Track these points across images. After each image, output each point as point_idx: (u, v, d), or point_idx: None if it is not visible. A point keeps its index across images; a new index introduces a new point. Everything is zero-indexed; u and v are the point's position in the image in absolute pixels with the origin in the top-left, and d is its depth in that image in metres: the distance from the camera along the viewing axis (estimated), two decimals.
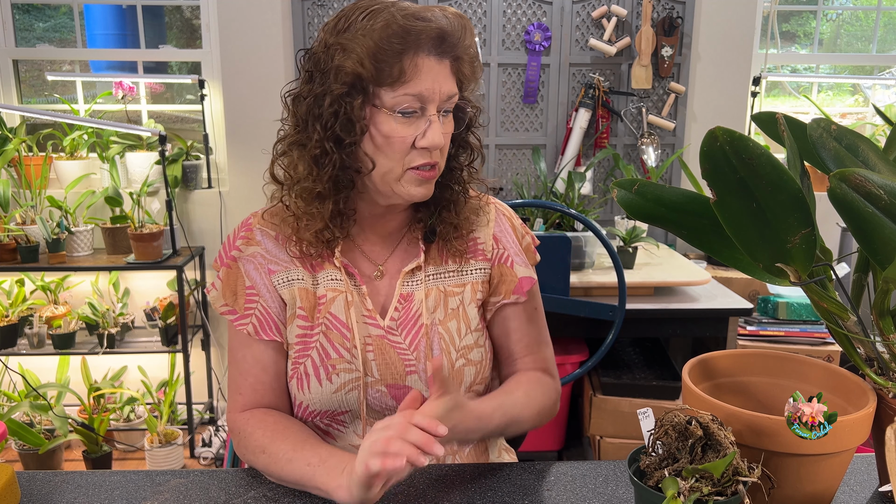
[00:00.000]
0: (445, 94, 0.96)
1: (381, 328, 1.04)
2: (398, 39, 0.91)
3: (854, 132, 0.86)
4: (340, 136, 0.95)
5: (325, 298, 1.04)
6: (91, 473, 0.98)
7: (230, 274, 1.05)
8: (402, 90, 0.92)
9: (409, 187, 0.98)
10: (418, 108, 0.94)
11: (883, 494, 0.92)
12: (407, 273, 1.06)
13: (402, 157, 0.96)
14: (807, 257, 0.78)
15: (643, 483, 0.76)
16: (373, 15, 0.92)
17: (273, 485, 0.95)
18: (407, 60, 0.92)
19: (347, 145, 0.96)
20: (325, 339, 1.03)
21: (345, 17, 0.95)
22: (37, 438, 2.44)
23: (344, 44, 0.92)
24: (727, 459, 0.72)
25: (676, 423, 0.77)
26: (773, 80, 3.03)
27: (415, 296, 1.06)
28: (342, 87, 0.93)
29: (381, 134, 0.95)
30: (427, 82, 0.93)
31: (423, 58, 0.93)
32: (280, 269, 1.04)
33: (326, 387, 1.02)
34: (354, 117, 0.94)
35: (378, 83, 0.93)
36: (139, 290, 2.90)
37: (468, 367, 1.07)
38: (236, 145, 2.80)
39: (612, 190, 0.97)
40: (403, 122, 0.94)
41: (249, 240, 1.06)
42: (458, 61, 0.97)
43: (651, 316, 2.08)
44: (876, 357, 0.87)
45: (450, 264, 1.09)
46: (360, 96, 0.93)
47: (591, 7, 2.79)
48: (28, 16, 2.90)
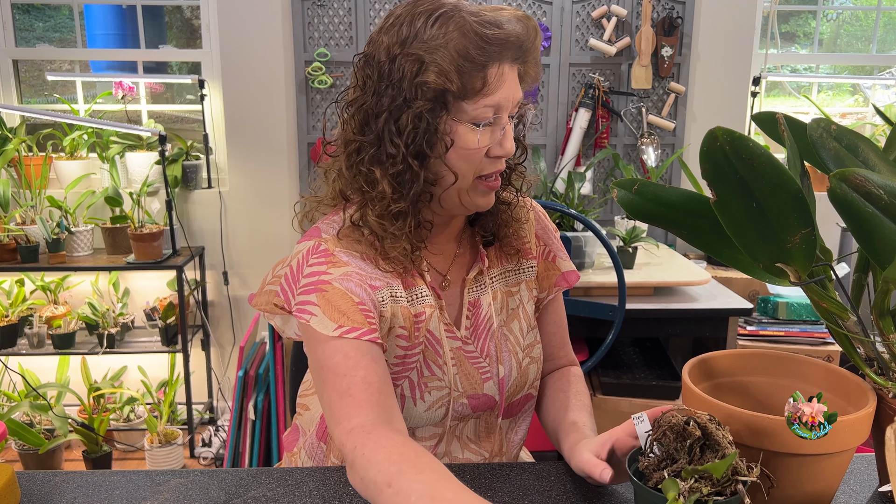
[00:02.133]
0: (517, 100, 0.94)
1: (459, 339, 1.02)
2: (479, 51, 0.87)
3: (854, 132, 0.86)
4: (424, 151, 0.90)
5: (423, 316, 0.98)
6: (91, 473, 0.97)
7: (326, 297, 0.91)
8: (483, 102, 0.90)
9: (476, 198, 0.96)
10: (493, 116, 0.92)
11: (883, 494, 0.92)
12: (471, 280, 1.04)
13: (475, 168, 0.94)
14: (807, 257, 0.78)
15: (643, 484, 0.76)
16: (442, 21, 0.88)
17: (273, 485, 0.95)
18: (491, 72, 0.89)
19: (431, 161, 0.92)
20: (423, 359, 0.99)
21: (407, 23, 0.89)
22: (37, 438, 2.45)
23: (419, 55, 0.87)
24: (728, 460, 0.72)
25: (674, 425, 0.77)
26: (772, 80, 3.03)
27: (482, 301, 1.05)
28: (425, 103, 0.88)
29: (463, 146, 0.92)
30: (505, 91, 0.91)
31: (503, 67, 0.90)
32: (382, 284, 0.95)
33: (420, 406, 0.99)
34: (439, 133, 0.90)
35: (462, 97, 0.89)
36: (139, 290, 2.91)
37: (532, 365, 1.08)
38: (236, 145, 2.80)
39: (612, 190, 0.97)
40: (481, 133, 0.92)
41: (334, 263, 0.94)
42: (525, 65, 0.95)
43: (651, 316, 2.08)
44: (876, 357, 0.87)
45: (506, 265, 1.09)
46: (443, 111, 0.90)
47: (591, 7, 2.79)
48: (28, 16, 2.90)
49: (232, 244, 2.87)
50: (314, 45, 2.78)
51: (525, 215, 1.11)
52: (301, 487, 0.94)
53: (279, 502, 0.91)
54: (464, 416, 1.03)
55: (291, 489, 0.94)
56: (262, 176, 2.81)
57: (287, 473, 0.98)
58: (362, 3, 2.74)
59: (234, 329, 2.97)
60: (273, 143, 2.80)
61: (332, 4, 2.76)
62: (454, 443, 1.05)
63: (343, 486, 0.94)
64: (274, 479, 0.96)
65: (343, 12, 2.76)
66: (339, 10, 2.76)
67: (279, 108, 2.78)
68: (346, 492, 0.93)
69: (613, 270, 1.96)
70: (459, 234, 1.07)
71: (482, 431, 1.07)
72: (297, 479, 0.96)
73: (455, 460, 1.05)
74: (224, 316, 2.96)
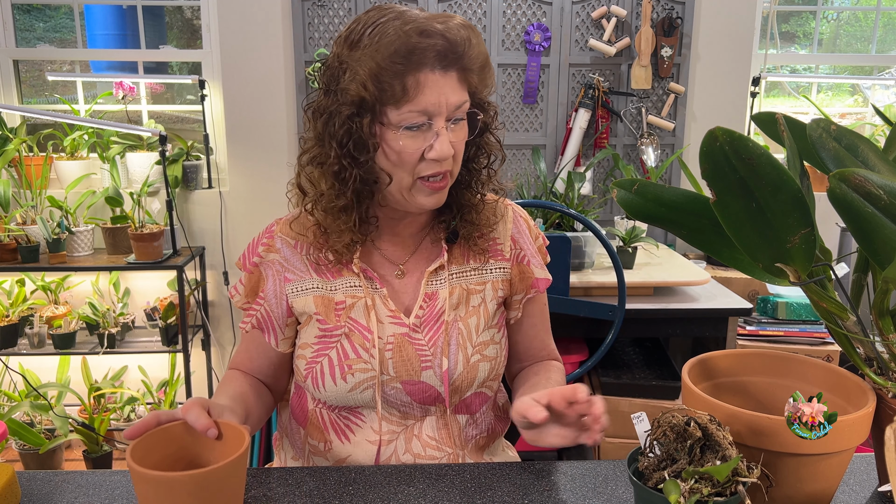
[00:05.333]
0: (453, 105, 0.95)
1: (407, 326, 1.06)
2: (400, 59, 0.91)
3: (854, 132, 0.86)
4: (354, 154, 0.96)
5: (343, 304, 1.06)
6: (91, 473, 0.98)
7: (251, 279, 1.10)
8: (407, 108, 0.93)
9: (420, 198, 1.00)
10: (425, 121, 0.95)
11: (883, 494, 0.92)
12: (431, 273, 1.08)
13: (413, 169, 0.97)
14: (806, 257, 0.79)
15: (643, 484, 0.76)
16: (379, 30, 0.92)
17: (273, 484, 0.95)
18: (409, 79, 0.92)
19: (363, 162, 0.97)
20: (347, 341, 1.05)
21: (356, 31, 0.95)
22: (37, 438, 2.45)
23: (351, 63, 0.93)
24: (731, 464, 0.71)
25: (674, 425, 0.77)
26: (772, 80, 3.04)
27: (438, 294, 1.08)
28: (349, 108, 0.94)
29: (392, 149, 0.96)
30: (431, 97, 0.93)
31: (427, 74, 0.93)
32: (296, 278, 1.07)
33: (341, 386, 1.04)
34: (365, 136, 0.95)
35: (382, 103, 0.93)
36: (139, 290, 2.91)
37: (483, 363, 1.09)
38: (236, 145, 2.81)
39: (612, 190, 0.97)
40: (411, 137, 0.95)
41: (270, 247, 1.09)
42: (465, 71, 0.97)
43: (651, 316, 2.08)
44: (875, 357, 0.87)
45: (471, 263, 1.11)
46: (367, 115, 0.94)
47: (591, 7, 2.79)
48: (28, 16, 2.90)
49: (232, 244, 2.88)
50: (314, 45, 2.78)
51: (501, 218, 1.14)
52: (301, 487, 0.94)
53: (279, 502, 0.91)
54: (403, 402, 1.06)
55: (291, 489, 0.94)
56: (262, 176, 2.81)
57: (287, 473, 0.98)
58: (362, 4, 2.74)
59: (234, 329, 2.97)
60: (273, 143, 2.80)
61: (332, 4, 2.76)
62: (414, 441, 1.08)
63: (343, 485, 0.94)
64: (274, 479, 0.96)
65: (343, 12, 2.76)
66: (339, 11, 2.76)
67: (279, 108, 2.78)
68: (345, 492, 0.93)
69: (613, 270, 1.96)
70: (425, 229, 1.11)
71: (441, 428, 1.09)
72: (297, 478, 0.97)
73: (418, 457, 1.07)
74: (224, 316, 2.96)
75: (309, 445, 1.12)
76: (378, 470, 0.99)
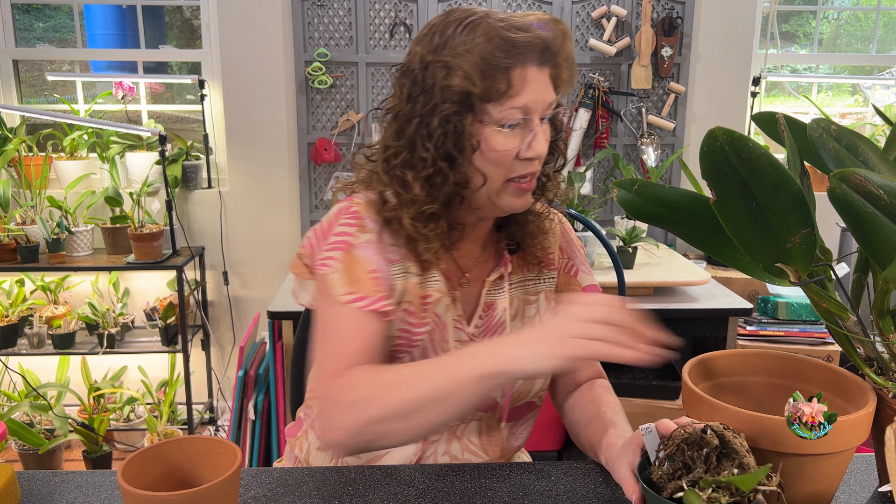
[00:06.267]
0: (547, 103, 0.95)
1: (467, 334, 1.05)
2: (504, 53, 0.89)
3: (854, 132, 0.86)
4: (453, 154, 0.94)
5: (430, 298, 1.01)
6: (91, 473, 0.97)
7: (348, 258, 0.96)
8: (509, 104, 0.91)
9: (509, 199, 0.97)
10: (521, 119, 0.93)
11: (883, 494, 0.92)
12: (492, 282, 1.06)
13: (507, 169, 0.95)
14: (807, 257, 0.79)
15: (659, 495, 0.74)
16: (471, 28, 0.91)
17: (273, 485, 0.95)
18: (515, 73, 0.91)
19: (459, 164, 0.95)
20: (429, 340, 1.02)
21: (439, 32, 0.93)
22: (37, 438, 2.45)
23: (446, 61, 0.91)
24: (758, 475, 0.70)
25: (690, 433, 0.76)
26: (772, 80, 3.03)
27: (497, 304, 1.07)
28: (451, 105, 0.91)
29: (490, 148, 0.93)
30: (532, 93, 0.92)
31: (529, 69, 0.92)
32: (398, 258, 1.00)
33: None
34: (466, 135, 0.92)
35: (485, 99, 0.91)
36: (139, 290, 2.91)
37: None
38: (236, 145, 2.80)
39: (612, 190, 0.97)
40: (509, 135, 0.93)
41: (362, 227, 0.99)
42: (557, 69, 0.96)
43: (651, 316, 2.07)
44: (876, 357, 0.87)
45: (527, 273, 1.10)
46: (469, 114, 0.92)
47: (591, 7, 2.79)
48: (28, 16, 2.90)
49: (232, 244, 2.87)
50: (314, 45, 2.78)
51: (552, 227, 1.12)
52: (301, 487, 0.94)
53: (279, 502, 0.91)
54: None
55: (291, 489, 0.94)
56: (262, 176, 2.81)
57: (287, 473, 0.98)
58: (362, 3, 2.74)
59: (234, 329, 2.97)
60: (273, 143, 2.80)
61: (332, 4, 2.76)
62: (454, 443, 1.06)
63: (343, 485, 0.94)
64: (274, 479, 0.96)
65: (343, 12, 2.76)
66: (339, 10, 2.76)
67: (279, 108, 2.78)
68: (345, 492, 0.93)
69: (613, 270, 1.96)
70: (485, 238, 1.09)
71: (484, 434, 1.08)
72: (297, 478, 0.96)
73: (455, 460, 1.06)
74: (224, 316, 2.96)
75: None
76: (378, 470, 0.99)
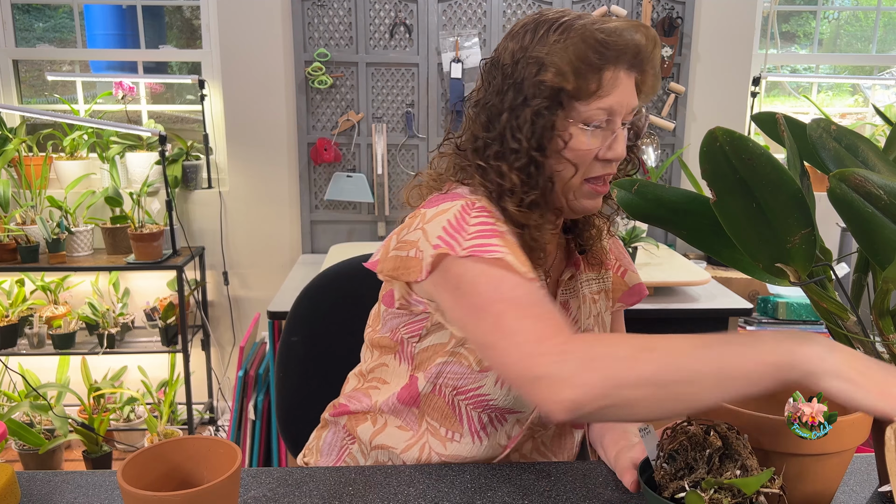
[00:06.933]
0: (631, 108, 0.96)
1: None
2: (597, 54, 0.91)
3: (854, 132, 0.86)
4: (543, 145, 0.94)
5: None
6: (91, 473, 0.97)
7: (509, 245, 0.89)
8: (596, 104, 0.93)
9: (583, 200, 0.99)
10: (606, 120, 0.94)
11: (883, 494, 0.92)
12: (564, 282, 1.08)
13: (585, 169, 0.96)
14: (807, 257, 0.79)
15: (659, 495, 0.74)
16: (565, 28, 0.92)
17: (273, 485, 0.95)
18: (606, 74, 0.92)
19: (547, 156, 0.95)
20: None
21: (532, 30, 0.94)
22: (37, 438, 2.45)
23: (539, 57, 0.92)
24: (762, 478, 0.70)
25: (693, 434, 0.76)
26: (772, 80, 3.03)
27: (571, 304, 1.08)
28: (543, 101, 0.92)
29: (572, 146, 0.95)
30: (619, 96, 0.94)
31: (620, 71, 0.93)
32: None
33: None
34: (556, 129, 0.94)
35: (575, 97, 0.93)
36: (139, 290, 2.91)
37: None
38: (236, 145, 2.80)
39: (613, 190, 0.97)
40: (593, 135, 0.94)
41: (498, 218, 0.94)
42: (643, 74, 0.97)
43: (651, 316, 2.07)
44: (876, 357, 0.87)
45: (590, 273, 1.12)
46: (559, 109, 0.93)
47: (591, 7, 2.79)
48: (28, 16, 2.90)
49: (232, 244, 2.87)
50: (314, 45, 2.78)
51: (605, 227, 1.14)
52: (301, 487, 0.94)
53: (279, 502, 0.91)
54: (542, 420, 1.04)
55: (291, 489, 0.94)
56: (262, 176, 2.81)
57: (287, 473, 0.98)
58: (362, 3, 2.74)
59: (234, 329, 2.97)
60: (273, 143, 2.80)
61: (332, 4, 2.76)
62: (528, 443, 1.07)
63: (343, 485, 0.94)
64: (274, 479, 0.96)
65: (343, 12, 2.76)
66: (339, 10, 2.76)
67: (279, 108, 2.78)
68: (345, 492, 0.93)
69: None
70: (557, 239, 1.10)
71: (556, 437, 1.10)
72: (297, 478, 0.96)
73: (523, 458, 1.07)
74: (224, 316, 2.96)
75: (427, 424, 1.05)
76: (378, 470, 0.99)
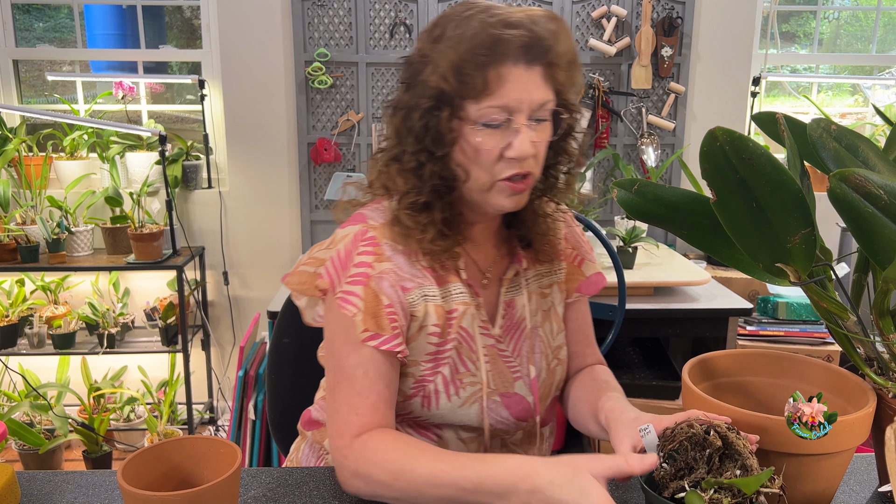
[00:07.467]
0: (536, 103, 0.91)
1: (493, 337, 1.03)
2: (484, 51, 0.87)
3: (854, 132, 0.86)
4: (431, 149, 0.93)
5: (455, 312, 1.00)
6: (91, 473, 0.97)
7: (369, 296, 0.94)
8: (487, 102, 0.89)
9: (500, 199, 0.95)
10: (504, 118, 0.91)
11: (883, 494, 0.92)
12: (508, 280, 1.05)
13: (491, 169, 0.93)
14: (807, 257, 0.79)
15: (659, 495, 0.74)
16: (464, 23, 0.90)
17: (273, 485, 0.95)
18: (491, 72, 0.88)
19: (439, 157, 0.94)
20: (457, 354, 1.00)
21: (440, 26, 0.93)
22: (37, 438, 2.44)
23: (433, 56, 0.91)
24: (761, 477, 0.70)
25: (693, 434, 0.75)
26: (772, 80, 3.03)
27: (516, 301, 1.06)
28: (428, 101, 0.91)
29: (469, 146, 0.92)
30: (514, 93, 0.89)
31: (510, 68, 0.89)
32: (414, 285, 0.98)
33: (454, 401, 0.99)
34: (443, 130, 0.92)
35: (462, 96, 0.90)
36: (139, 290, 2.91)
37: (559, 367, 1.09)
38: (236, 145, 2.80)
39: (612, 190, 0.97)
40: (489, 134, 0.91)
41: (379, 255, 0.97)
42: (551, 67, 0.92)
43: (651, 316, 2.07)
44: (876, 357, 0.87)
45: (540, 267, 1.09)
46: (446, 109, 0.91)
47: (591, 7, 2.79)
48: (28, 16, 2.90)
49: (232, 244, 2.87)
50: (314, 45, 2.78)
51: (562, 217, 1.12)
52: (301, 487, 0.94)
53: (279, 502, 0.91)
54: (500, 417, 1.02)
55: (291, 489, 0.94)
56: (262, 176, 2.81)
57: (287, 473, 0.98)
58: (362, 3, 2.74)
59: (234, 329, 2.97)
60: (273, 143, 2.80)
61: (332, 4, 2.76)
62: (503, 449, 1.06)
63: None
64: (274, 479, 0.96)
65: (343, 12, 2.76)
66: (339, 10, 2.76)
67: (279, 108, 2.78)
68: (345, 492, 0.92)
69: (613, 270, 1.96)
70: (497, 237, 1.07)
71: (526, 442, 1.08)
72: (297, 478, 0.96)
73: None
74: (224, 316, 2.96)
75: None
76: None
